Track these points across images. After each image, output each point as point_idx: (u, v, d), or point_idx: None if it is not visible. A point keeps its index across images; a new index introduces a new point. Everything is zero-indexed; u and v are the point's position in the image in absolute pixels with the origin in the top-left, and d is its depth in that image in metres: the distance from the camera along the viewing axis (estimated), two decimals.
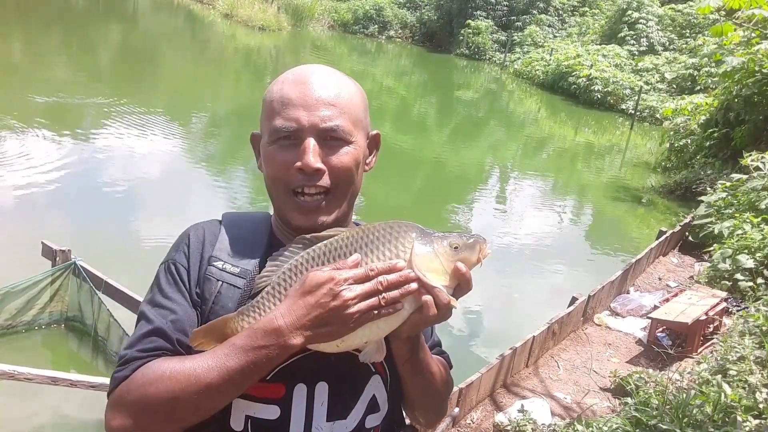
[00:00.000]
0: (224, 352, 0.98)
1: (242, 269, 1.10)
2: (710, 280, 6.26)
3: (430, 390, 1.20)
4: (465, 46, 25.71)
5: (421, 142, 13.08)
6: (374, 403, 1.14)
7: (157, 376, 0.98)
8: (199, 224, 1.19)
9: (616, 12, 23.42)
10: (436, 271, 1.00)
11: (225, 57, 19.13)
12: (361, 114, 1.15)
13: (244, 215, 1.23)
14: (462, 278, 1.01)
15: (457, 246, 1.01)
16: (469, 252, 1.01)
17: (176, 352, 1.04)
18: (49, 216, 6.36)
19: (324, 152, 1.08)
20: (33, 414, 3.83)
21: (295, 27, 25.31)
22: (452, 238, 1.02)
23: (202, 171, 8.54)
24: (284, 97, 1.09)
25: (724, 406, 3.24)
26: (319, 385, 1.08)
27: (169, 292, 1.09)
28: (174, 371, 0.98)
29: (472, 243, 1.02)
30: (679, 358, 4.97)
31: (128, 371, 1.02)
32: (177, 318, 1.06)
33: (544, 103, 19.51)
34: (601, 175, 12.81)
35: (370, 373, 1.13)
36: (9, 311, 4.26)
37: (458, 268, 1.00)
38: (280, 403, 1.06)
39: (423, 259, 1.00)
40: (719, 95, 10.78)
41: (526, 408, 3.95)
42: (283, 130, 1.08)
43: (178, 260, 1.12)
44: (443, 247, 1.01)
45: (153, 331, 1.05)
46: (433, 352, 1.29)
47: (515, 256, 7.79)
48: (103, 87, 12.53)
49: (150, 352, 1.03)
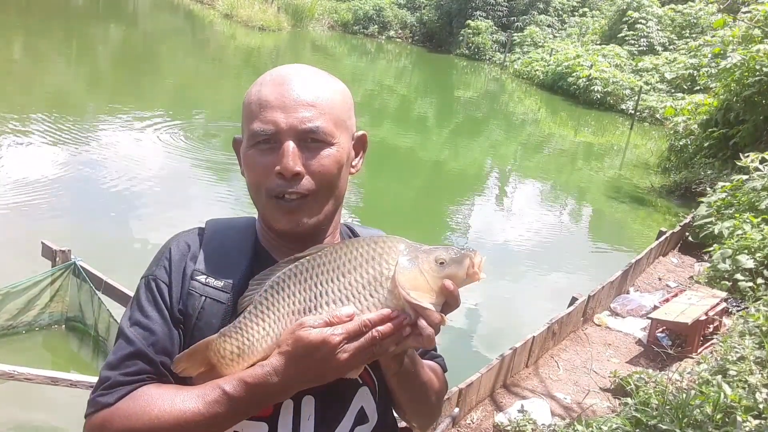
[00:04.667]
0: (214, 398, 0.96)
1: (225, 283, 1.07)
2: (710, 280, 6.26)
3: (421, 399, 1.18)
4: (465, 47, 25.70)
5: (421, 142, 13.07)
6: (362, 414, 1.11)
7: (144, 413, 0.97)
8: (180, 236, 1.16)
9: (616, 12, 23.42)
10: (421, 288, 0.95)
11: (225, 57, 19.13)
12: (343, 114, 1.10)
13: (229, 222, 1.19)
14: (449, 295, 0.96)
15: (443, 261, 0.96)
16: (456, 267, 0.96)
17: (159, 374, 1.03)
18: (49, 216, 6.36)
19: (304, 155, 1.04)
20: (33, 414, 3.83)
21: (295, 27, 25.31)
22: (439, 252, 0.97)
23: (202, 171, 8.54)
24: (262, 99, 1.06)
25: (724, 407, 3.24)
26: (306, 399, 1.06)
27: (149, 311, 1.06)
28: (162, 411, 0.97)
29: (459, 258, 0.96)
30: (679, 358, 4.97)
31: (112, 399, 1.00)
32: (157, 339, 1.04)
33: (544, 104, 19.51)
34: (601, 175, 12.81)
35: (358, 385, 1.11)
36: (9, 311, 4.26)
37: (445, 285, 0.95)
38: (268, 421, 1.05)
39: (407, 278, 0.96)
40: (719, 95, 10.78)
41: (526, 408, 3.95)
42: (261, 133, 1.04)
43: (159, 276, 1.09)
44: (428, 263, 0.96)
45: (135, 353, 1.03)
46: (427, 356, 1.27)
47: (515, 256, 7.79)
48: (103, 87, 12.54)
49: (133, 377, 1.01)
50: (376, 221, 7.76)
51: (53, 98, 10.59)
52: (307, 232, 1.07)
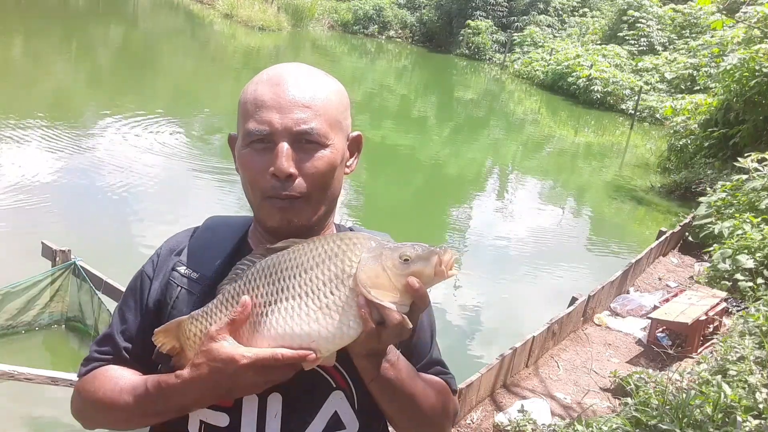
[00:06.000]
0: (140, 393, 1.05)
1: (201, 275, 1.13)
2: (710, 280, 6.27)
3: (411, 414, 1.12)
4: (465, 46, 25.69)
5: (421, 142, 13.07)
6: (337, 419, 1.09)
7: (96, 389, 1.11)
8: (175, 235, 1.23)
9: (617, 12, 23.42)
10: (383, 287, 0.92)
11: (225, 57, 19.13)
12: (339, 115, 1.10)
13: (227, 220, 1.23)
14: (416, 294, 0.92)
15: (408, 258, 0.92)
16: (422, 264, 0.92)
17: (122, 358, 1.14)
18: (49, 216, 6.35)
19: (298, 156, 1.04)
20: (33, 414, 3.83)
21: (295, 27, 25.29)
22: (404, 249, 0.93)
23: (202, 170, 8.54)
24: (257, 98, 1.06)
25: (724, 406, 3.24)
26: (272, 396, 1.06)
27: (129, 301, 1.18)
28: (106, 393, 1.09)
29: (426, 254, 0.92)
30: (679, 358, 4.97)
31: (84, 369, 1.16)
32: (127, 327, 1.15)
33: (544, 103, 19.51)
34: (601, 175, 12.81)
35: (330, 389, 1.09)
36: (9, 311, 4.26)
37: (410, 283, 0.91)
38: (229, 412, 1.06)
39: (368, 275, 0.92)
40: (719, 95, 10.78)
41: (526, 408, 3.95)
42: (255, 133, 1.05)
43: (146, 270, 1.18)
44: (392, 260, 0.92)
45: (109, 335, 1.17)
46: (432, 371, 1.23)
47: (515, 256, 7.80)
48: (103, 87, 12.54)
49: (102, 355, 1.16)
50: (376, 221, 7.76)
51: (53, 98, 10.59)
52: (298, 231, 1.07)
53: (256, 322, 0.98)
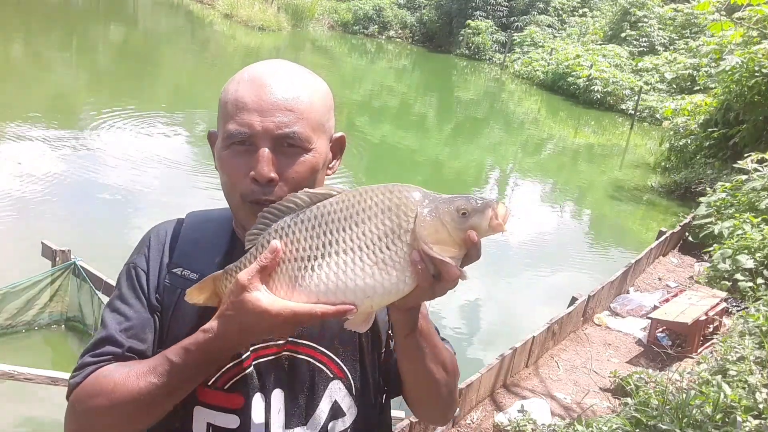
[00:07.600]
0: (164, 368, 0.97)
1: (201, 275, 1.07)
2: (710, 280, 6.27)
3: (437, 370, 1.11)
4: (465, 46, 25.69)
5: (421, 141, 13.06)
6: (337, 408, 1.11)
7: (102, 388, 1.00)
8: (161, 225, 1.18)
9: (619, 11, 23.41)
10: (443, 242, 0.90)
11: (225, 57, 19.12)
12: (322, 118, 1.07)
13: (208, 214, 1.19)
14: (473, 247, 0.91)
15: (466, 211, 0.91)
16: (479, 218, 0.91)
17: (126, 357, 1.05)
18: (49, 216, 6.35)
19: (279, 160, 1.02)
20: (33, 414, 3.83)
21: (295, 27, 25.29)
22: (459, 201, 0.91)
23: (202, 170, 8.53)
24: (239, 99, 1.03)
25: (724, 406, 3.24)
26: (275, 392, 1.07)
27: (128, 297, 1.10)
28: (117, 384, 0.99)
29: (481, 207, 0.91)
30: (679, 358, 4.97)
31: (80, 378, 1.04)
32: (131, 325, 1.07)
33: (544, 103, 19.51)
34: (601, 175, 12.81)
35: (329, 379, 1.11)
36: (9, 311, 4.27)
37: (470, 236, 0.90)
38: (239, 413, 1.06)
39: (429, 230, 0.91)
40: (719, 95, 10.78)
41: (526, 408, 3.95)
42: (236, 135, 1.02)
43: (138, 264, 1.13)
44: (450, 215, 0.91)
45: (105, 337, 1.06)
46: None
47: (515, 256, 7.79)
48: (103, 87, 12.54)
49: (99, 357, 1.05)
50: None
51: (53, 98, 10.58)
52: None
53: (298, 276, 0.94)
